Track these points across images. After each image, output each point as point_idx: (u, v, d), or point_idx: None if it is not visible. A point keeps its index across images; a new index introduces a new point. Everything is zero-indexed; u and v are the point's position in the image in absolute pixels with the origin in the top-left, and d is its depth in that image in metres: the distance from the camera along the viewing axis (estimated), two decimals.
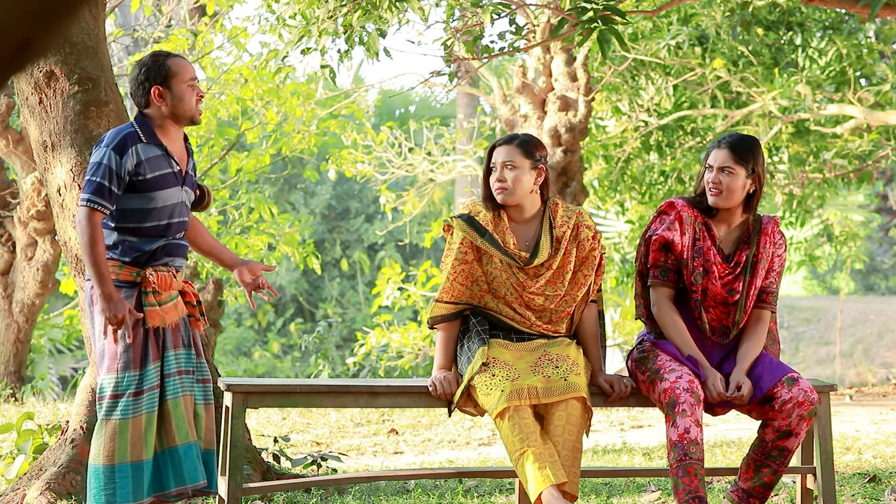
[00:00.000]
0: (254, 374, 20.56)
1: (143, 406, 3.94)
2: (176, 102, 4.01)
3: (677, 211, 4.30)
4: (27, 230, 10.48)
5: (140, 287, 3.98)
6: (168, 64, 4.03)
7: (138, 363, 3.95)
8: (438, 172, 13.04)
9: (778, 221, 4.40)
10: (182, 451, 3.98)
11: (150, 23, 12.14)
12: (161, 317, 3.99)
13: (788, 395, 4.11)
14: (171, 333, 4.03)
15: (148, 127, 4.02)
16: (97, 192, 3.90)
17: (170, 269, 4.03)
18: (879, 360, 20.48)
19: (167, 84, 4.01)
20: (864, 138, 11.14)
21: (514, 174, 4.22)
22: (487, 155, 4.32)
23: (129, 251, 3.99)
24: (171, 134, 4.06)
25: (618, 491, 5.41)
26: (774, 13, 10.83)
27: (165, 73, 4.02)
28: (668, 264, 4.31)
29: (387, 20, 5.89)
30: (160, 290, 3.98)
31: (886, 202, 22.95)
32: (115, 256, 3.99)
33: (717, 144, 4.30)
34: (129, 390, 3.92)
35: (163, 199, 4.00)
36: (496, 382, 4.05)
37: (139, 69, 4.05)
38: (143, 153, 3.97)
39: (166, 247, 4.04)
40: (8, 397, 10.45)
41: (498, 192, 4.24)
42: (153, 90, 4.01)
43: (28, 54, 1.41)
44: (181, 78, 4.02)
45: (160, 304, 3.98)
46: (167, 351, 4.01)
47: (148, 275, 3.96)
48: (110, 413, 3.93)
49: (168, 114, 4.02)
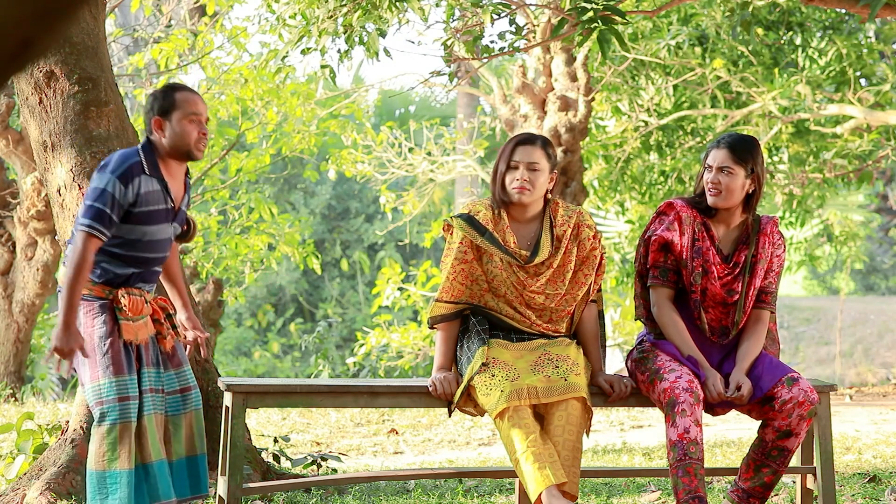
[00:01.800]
0: (254, 374, 20.56)
1: (130, 412, 3.95)
2: (173, 135, 3.96)
3: (676, 211, 4.29)
4: (27, 230, 10.48)
5: (112, 303, 3.99)
6: (174, 96, 3.99)
7: (119, 369, 3.95)
8: (438, 172, 13.03)
9: (777, 222, 4.39)
10: (156, 468, 4.00)
11: (150, 23, 12.14)
12: (134, 332, 4.00)
13: (788, 395, 4.11)
14: (144, 351, 4.04)
15: (152, 158, 3.99)
16: (98, 219, 3.87)
17: (142, 293, 4.04)
18: (879, 360, 20.48)
19: (168, 116, 3.97)
20: (864, 138, 11.14)
21: (537, 176, 4.22)
22: (507, 151, 4.26)
23: (104, 273, 3.99)
24: (171, 168, 4.03)
25: (618, 491, 5.41)
26: (774, 13, 10.83)
27: (169, 104, 3.98)
28: (667, 265, 4.31)
29: (387, 20, 5.89)
30: (132, 315, 3.99)
31: (886, 202, 22.95)
32: (91, 276, 3.98)
33: (716, 144, 4.29)
34: (113, 395, 3.93)
35: (150, 234, 3.99)
36: (496, 382, 4.05)
37: (151, 97, 4.03)
38: (144, 186, 3.94)
39: (142, 274, 4.05)
40: (8, 397, 10.45)
41: (519, 191, 4.22)
42: (153, 120, 3.98)
43: (28, 54, 1.40)
44: (183, 111, 3.97)
45: (133, 321, 4.00)
46: (143, 368, 4.03)
47: (120, 296, 3.97)
48: (101, 420, 3.95)
49: (167, 146, 3.98)
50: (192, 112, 3.97)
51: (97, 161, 5.01)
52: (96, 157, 5.01)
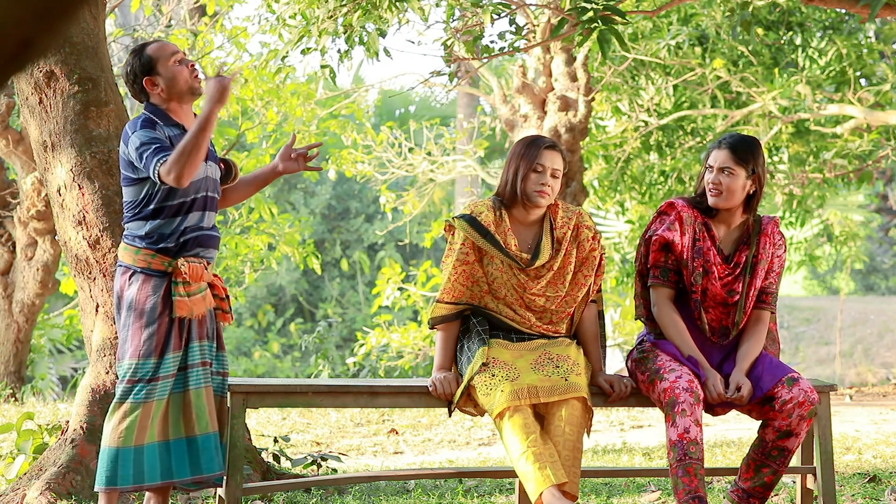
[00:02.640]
0: (254, 374, 20.56)
1: (155, 393, 4.00)
2: (170, 83, 4.07)
3: (677, 211, 4.29)
4: (27, 230, 10.48)
5: (171, 277, 4.02)
6: (147, 53, 4.09)
7: (158, 352, 4.00)
8: (438, 172, 13.03)
9: (778, 222, 4.39)
10: (200, 442, 4.03)
11: (150, 23, 12.14)
12: (189, 308, 4.03)
13: (789, 395, 4.11)
14: (196, 325, 4.08)
15: (160, 112, 4.08)
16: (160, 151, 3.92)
17: (201, 260, 4.07)
18: (879, 360, 20.48)
19: (153, 71, 4.07)
20: (864, 138, 11.14)
21: (557, 183, 4.26)
22: (532, 154, 4.24)
23: (160, 237, 4.02)
24: (181, 114, 4.12)
25: (618, 491, 5.41)
26: (774, 13, 10.83)
27: (148, 61, 4.08)
28: (668, 265, 4.31)
29: (387, 20, 5.89)
30: (191, 281, 4.02)
31: (886, 202, 22.95)
32: (148, 245, 4.03)
33: (717, 145, 4.29)
34: (146, 377, 3.99)
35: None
36: (496, 382, 4.05)
37: (126, 69, 4.12)
38: (167, 132, 4.03)
39: (199, 238, 4.08)
40: (8, 397, 10.45)
41: (541, 195, 4.23)
42: (145, 82, 4.08)
43: (28, 54, 1.40)
44: (164, 59, 4.08)
45: (189, 296, 4.03)
46: (192, 342, 4.07)
47: (180, 265, 4.01)
48: (125, 397, 3.99)
49: (168, 97, 4.08)
50: (172, 53, 4.08)
51: (97, 161, 5.01)
52: (96, 157, 5.01)
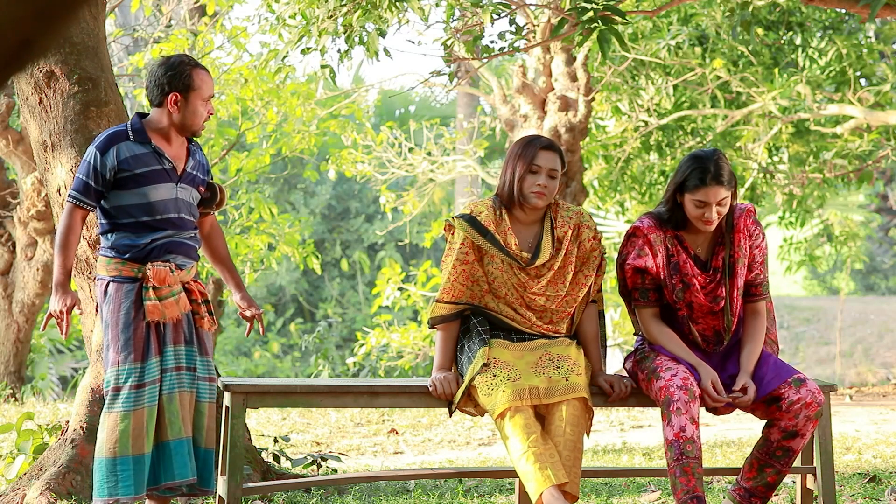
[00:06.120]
0: (254, 374, 20.56)
1: (144, 399, 4.01)
2: (188, 115, 4.09)
3: (644, 235, 4.23)
4: (27, 230, 10.48)
5: (141, 283, 4.06)
6: (192, 75, 4.08)
7: (139, 356, 4.02)
8: (438, 172, 13.03)
9: (752, 211, 4.27)
10: (173, 446, 4.05)
11: (150, 23, 12.14)
12: (161, 311, 4.06)
13: (796, 395, 4.10)
14: (171, 329, 4.09)
15: (140, 128, 4.09)
16: (81, 190, 4.07)
17: (169, 264, 4.09)
18: (879, 360, 20.48)
19: (186, 95, 4.08)
20: (864, 138, 11.14)
21: (555, 183, 4.25)
22: (529, 155, 4.22)
23: (126, 248, 4.07)
24: (169, 137, 4.13)
25: (618, 491, 5.41)
26: (774, 13, 10.83)
27: (189, 84, 4.07)
28: (646, 285, 4.28)
29: (387, 20, 5.88)
30: (159, 285, 4.04)
31: (886, 202, 22.95)
32: (116, 255, 4.09)
33: (701, 182, 4.10)
34: (130, 382, 4.00)
35: (154, 195, 4.07)
36: (497, 383, 4.05)
37: (164, 69, 4.08)
38: (129, 150, 4.06)
39: (166, 244, 4.10)
40: (8, 397, 10.45)
41: (538, 196, 4.22)
42: (171, 95, 4.07)
43: (28, 54, 1.40)
44: (201, 94, 4.09)
45: (160, 300, 4.05)
46: (166, 346, 4.08)
47: (147, 270, 4.04)
48: (112, 405, 4.01)
49: (177, 122, 4.10)
50: (209, 95, 4.12)
51: None
52: None
